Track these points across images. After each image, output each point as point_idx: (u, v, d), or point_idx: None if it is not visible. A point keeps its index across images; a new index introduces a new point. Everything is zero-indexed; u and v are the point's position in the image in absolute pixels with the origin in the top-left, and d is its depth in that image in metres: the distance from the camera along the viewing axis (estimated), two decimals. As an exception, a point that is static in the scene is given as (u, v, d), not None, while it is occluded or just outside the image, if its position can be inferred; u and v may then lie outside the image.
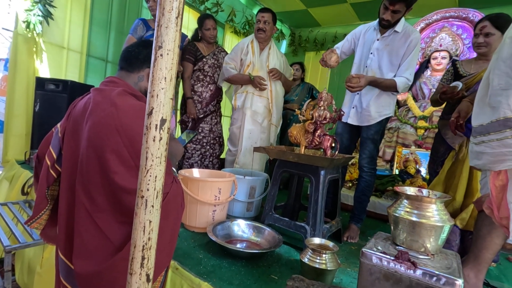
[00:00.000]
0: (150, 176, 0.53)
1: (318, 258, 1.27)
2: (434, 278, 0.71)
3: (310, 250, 1.31)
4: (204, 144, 2.64)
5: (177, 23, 0.52)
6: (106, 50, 3.05)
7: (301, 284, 1.02)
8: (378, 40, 1.88)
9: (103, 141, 0.90)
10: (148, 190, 0.53)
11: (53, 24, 2.62)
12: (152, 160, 0.53)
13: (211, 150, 2.68)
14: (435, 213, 0.83)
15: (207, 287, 1.13)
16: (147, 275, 0.56)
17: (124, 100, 0.94)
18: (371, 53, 1.89)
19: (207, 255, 1.43)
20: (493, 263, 1.72)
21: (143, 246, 0.54)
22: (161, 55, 0.52)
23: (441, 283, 0.70)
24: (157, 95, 0.52)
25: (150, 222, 0.54)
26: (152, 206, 0.54)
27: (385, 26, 1.82)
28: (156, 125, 0.53)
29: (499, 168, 1.03)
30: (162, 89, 0.52)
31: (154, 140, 0.53)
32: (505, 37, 1.09)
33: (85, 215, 0.93)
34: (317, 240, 1.42)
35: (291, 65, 3.42)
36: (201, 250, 1.48)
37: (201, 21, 2.55)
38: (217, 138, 2.71)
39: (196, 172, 1.99)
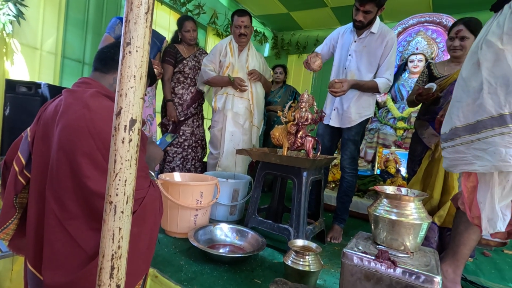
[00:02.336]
0: (119, 180, 0.50)
1: (301, 260, 1.26)
2: (414, 276, 0.71)
3: (293, 252, 1.30)
4: (186, 147, 2.59)
5: (146, 19, 0.50)
6: (82, 51, 2.94)
7: (284, 287, 1.00)
8: (355, 42, 1.91)
9: (75, 144, 0.85)
10: (117, 195, 0.50)
11: (25, 24, 2.50)
12: (121, 163, 0.50)
13: (193, 153, 2.63)
14: (413, 211, 0.85)
15: (188, 294, 1.10)
16: (118, 286, 0.52)
17: (97, 101, 0.90)
18: (349, 54, 1.92)
19: (188, 261, 1.39)
20: (470, 258, 1.78)
21: (113, 255, 0.51)
22: (130, 52, 0.49)
23: (420, 281, 0.70)
24: (126, 94, 0.50)
25: (119, 229, 0.51)
26: (122, 212, 0.51)
27: (359, 27, 1.86)
28: (125, 126, 0.50)
29: (455, 171, 1.15)
30: (131, 88, 0.50)
31: (123, 142, 0.50)
32: (473, 46, 1.19)
33: (56, 223, 0.88)
34: (300, 242, 1.41)
35: (273, 68, 3.44)
36: (182, 256, 1.44)
37: (180, 23, 2.51)
38: (199, 141, 2.67)
39: (177, 176, 1.94)
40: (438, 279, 0.69)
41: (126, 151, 0.50)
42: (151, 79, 1.19)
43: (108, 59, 1.03)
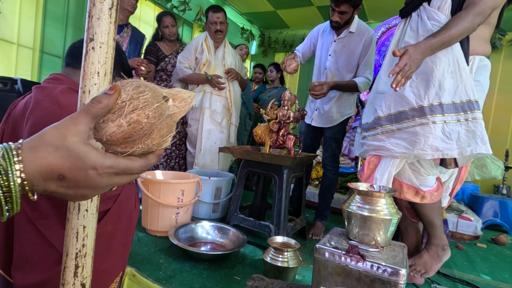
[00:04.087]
0: (83, 177, 0.50)
1: (280, 256, 1.28)
2: (381, 270, 0.74)
3: (272, 249, 1.31)
4: (170, 144, 2.56)
5: (110, 15, 0.49)
6: (63, 46, 2.86)
7: (261, 284, 1.02)
8: (334, 41, 1.93)
9: (45, 142, 0.83)
10: (80, 192, 0.50)
11: (0, 18, 2.41)
12: (85, 161, 0.50)
13: (177, 151, 2.61)
14: (384, 207, 0.87)
15: (166, 293, 1.09)
16: (83, 285, 0.52)
17: (68, 97, 0.88)
18: (329, 54, 1.94)
19: (168, 260, 1.38)
20: (444, 252, 1.84)
21: (77, 253, 0.51)
22: (93, 48, 0.49)
23: (387, 274, 0.73)
24: (89, 91, 0.49)
25: (84, 227, 0.51)
26: (86, 210, 0.51)
27: (336, 28, 1.88)
28: (89, 123, 0.49)
29: (366, 155, 1.29)
30: (95, 84, 0.49)
31: (86, 139, 0.49)
32: (390, 46, 1.30)
33: (26, 222, 0.86)
34: (279, 239, 1.43)
35: (268, 66, 3.50)
36: (162, 254, 1.43)
37: (159, 19, 2.47)
38: (183, 139, 2.64)
39: (159, 174, 1.92)
40: (403, 271, 0.72)
41: (90, 148, 0.50)
42: (128, 76, 1.17)
43: (80, 54, 1.00)
